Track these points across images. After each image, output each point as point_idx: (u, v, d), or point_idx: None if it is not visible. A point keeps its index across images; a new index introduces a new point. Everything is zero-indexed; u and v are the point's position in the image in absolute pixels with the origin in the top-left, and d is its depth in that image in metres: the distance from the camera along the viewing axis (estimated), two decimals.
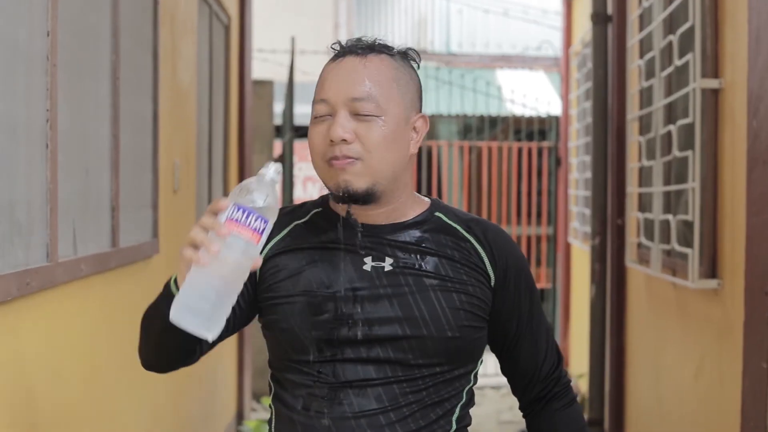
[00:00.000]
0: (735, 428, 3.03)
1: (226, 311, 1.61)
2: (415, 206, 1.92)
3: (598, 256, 5.61)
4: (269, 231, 1.62)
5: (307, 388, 1.83)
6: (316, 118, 1.82)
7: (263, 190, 1.61)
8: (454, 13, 14.24)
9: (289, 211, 1.95)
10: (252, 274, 1.83)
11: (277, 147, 8.60)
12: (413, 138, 1.86)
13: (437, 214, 1.91)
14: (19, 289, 2.33)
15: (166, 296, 1.76)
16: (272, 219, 1.62)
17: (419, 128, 1.88)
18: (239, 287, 1.63)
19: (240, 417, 6.43)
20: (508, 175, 10.63)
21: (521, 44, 13.16)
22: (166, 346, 1.85)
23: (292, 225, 1.92)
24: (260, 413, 6.85)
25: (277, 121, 9.65)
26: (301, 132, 12.63)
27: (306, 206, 1.97)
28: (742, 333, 2.96)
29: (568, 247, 8.30)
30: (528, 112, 11.20)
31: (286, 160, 7.46)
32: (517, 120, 11.30)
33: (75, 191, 2.90)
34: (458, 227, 1.90)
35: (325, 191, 1.91)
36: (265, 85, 7.50)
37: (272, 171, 1.63)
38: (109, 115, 3.28)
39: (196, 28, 4.87)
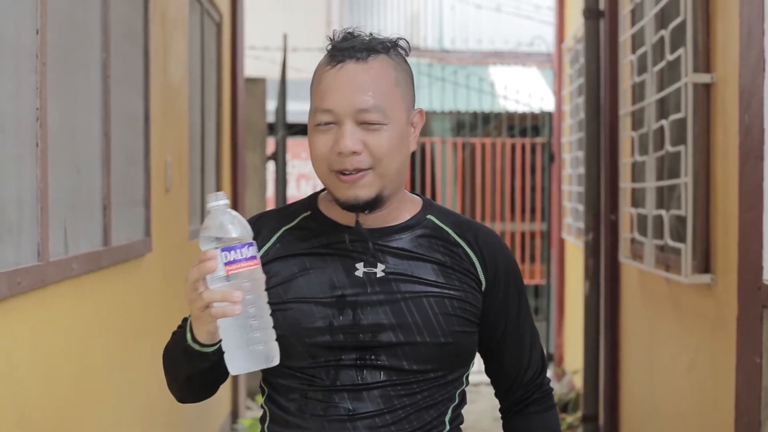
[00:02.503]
0: (729, 423, 3.03)
1: (273, 334, 1.66)
2: (408, 206, 1.90)
3: (591, 252, 5.60)
4: (256, 245, 1.66)
5: (301, 392, 1.82)
6: (318, 125, 1.78)
7: (227, 221, 1.62)
8: (447, 9, 14.23)
9: (276, 215, 1.93)
10: None
11: (270, 144, 8.59)
12: (412, 134, 1.85)
13: (429, 216, 1.90)
14: (9, 289, 2.31)
15: (186, 351, 1.76)
16: (250, 235, 1.65)
17: (416, 123, 1.87)
18: (268, 308, 1.66)
19: (234, 415, 6.42)
20: (501, 171, 10.63)
21: (514, 40, 13.15)
22: (199, 385, 1.87)
23: (280, 231, 1.89)
24: (255, 411, 6.84)
25: (270, 118, 9.63)
26: (295, 129, 12.63)
27: (292, 209, 1.94)
28: (735, 328, 2.96)
29: (562, 243, 8.29)
30: (521, 108, 11.20)
31: (279, 157, 7.45)
32: (511, 116, 11.29)
33: (66, 189, 2.89)
34: (450, 231, 1.88)
35: (316, 187, 1.90)
36: (257, 83, 7.48)
37: (221, 198, 1.64)
38: (100, 113, 3.27)
39: (187, 25, 4.86)
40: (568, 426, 6.42)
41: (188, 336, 1.73)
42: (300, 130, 12.95)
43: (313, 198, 1.94)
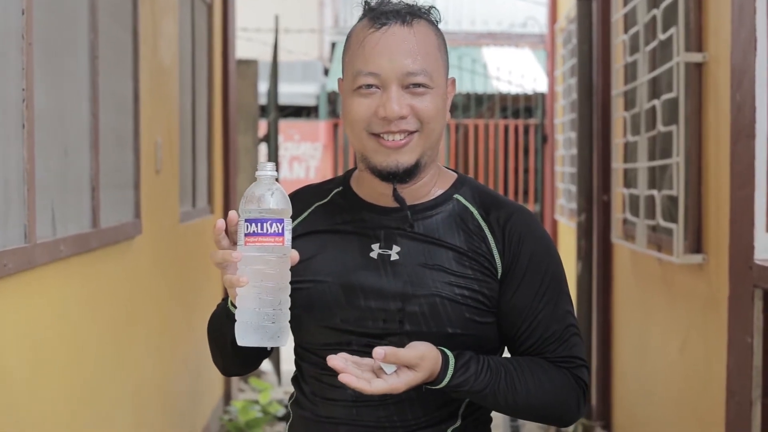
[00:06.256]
0: (720, 402, 3.03)
1: (287, 315, 1.64)
2: (438, 182, 1.85)
3: (584, 233, 5.60)
4: (290, 224, 1.64)
5: (316, 376, 1.83)
6: (359, 88, 1.74)
7: (265, 191, 1.61)
8: None
9: (313, 190, 1.93)
10: None
11: (262, 126, 8.56)
12: (447, 102, 1.83)
13: (457, 195, 1.84)
14: None
15: (227, 315, 1.77)
16: (286, 213, 1.63)
17: (450, 92, 1.84)
18: (288, 289, 1.64)
19: (227, 398, 6.42)
20: (494, 152, 10.62)
21: (507, 21, 13.13)
22: (241, 356, 1.85)
23: (313, 206, 1.89)
24: (248, 394, 6.85)
25: (262, 100, 9.61)
26: (287, 111, 12.60)
27: (329, 185, 1.93)
28: (726, 307, 2.96)
29: (554, 224, 8.30)
30: (514, 90, 11.19)
31: (271, 139, 7.43)
32: (504, 97, 11.29)
33: (53, 171, 2.87)
34: (475, 212, 1.82)
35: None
36: (249, 65, 7.45)
37: (268, 169, 1.63)
38: (88, 94, 3.25)
39: (177, 6, 4.83)
40: None
41: (230, 299, 1.74)
42: (292, 112, 12.93)
43: (348, 174, 1.93)
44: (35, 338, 2.65)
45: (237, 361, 1.88)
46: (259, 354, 1.86)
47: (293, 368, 1.94)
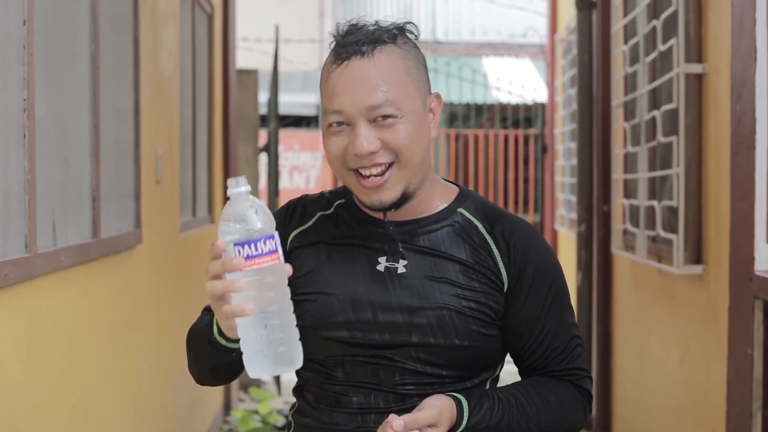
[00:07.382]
0: (720, 413, 3.03)
1: (296, 333, 1.57)
2: (438, 196, 1.85)
3: (584, 243, 5.60)
4: (278, 237, 1.54)
5: (319, 384, 1.83)
6: (330, 126, 1.74)
7: (247, 209, 1.52)
8: (440, 0, 14.21)
9: (314, 199, 1.92)
10: None
11: (262, 136, 8.57)
12: (431, 120, 1.81)
13: (461, 209, 1.85)
14: None
15: (213, 345, 1.72)
16: (273, 227, 1.54)
17: (435, 108, 1.82)
18: (291, 306, 1.58)
19: (227, 407, 6.41)
20: (494, 162, 10.63)
21: (507, 31, 13.14)
22: (221, 374, 1.83)
23: (317, 216, 1.88)
24: (248, 404, 6.84)
25: (262, 110, 9.62)
26: (287, 121, 12.62)
27: (331, 195, 1.92)
28: (726, 318, 2.96)
29: (554, 234, 8.30)
30: (514, 100, 11.20)
31: (271, 149, 7.43)
32: (503, 107, 11.29)
33: (54, 181, 2.87)
34: (480, 226, 1.83)
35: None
36: (249, 75, 7.46)
37: (242, 184, 1.53)
38: (89, 104, 3.25)
39: (178, 16, 4.83)
40: None
41: (214, 328, 1.70)
42: (292, 121, 12.94)
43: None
44: (35, 348, 2.65)
45: (215, 379, 1.87)
46: (235, 371, 1.83)
47: (293, 378, 1.93)
